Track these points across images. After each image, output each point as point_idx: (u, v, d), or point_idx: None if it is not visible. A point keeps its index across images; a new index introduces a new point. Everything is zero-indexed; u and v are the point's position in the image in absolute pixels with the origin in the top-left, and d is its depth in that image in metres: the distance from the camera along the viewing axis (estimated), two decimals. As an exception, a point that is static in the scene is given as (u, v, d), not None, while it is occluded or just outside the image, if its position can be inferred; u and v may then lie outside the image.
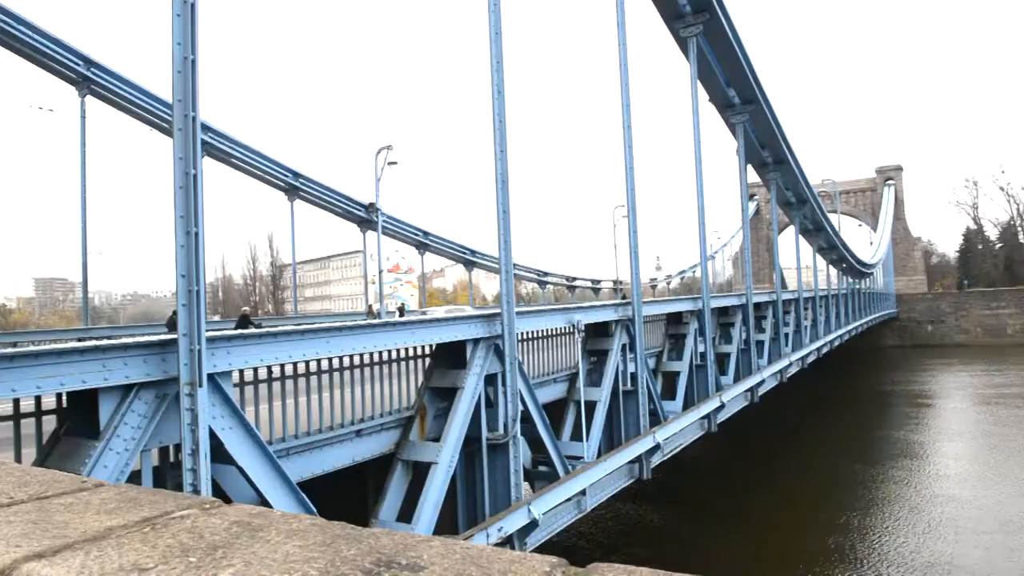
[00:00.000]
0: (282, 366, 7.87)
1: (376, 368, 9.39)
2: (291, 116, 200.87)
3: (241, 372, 7.42)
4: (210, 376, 6.36)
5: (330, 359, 8.48)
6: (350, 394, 8.90)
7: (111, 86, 22.94)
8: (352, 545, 1.38)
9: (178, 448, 6.45)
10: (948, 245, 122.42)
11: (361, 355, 8.89)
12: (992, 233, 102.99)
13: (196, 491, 6.14)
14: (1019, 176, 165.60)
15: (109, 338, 16.76)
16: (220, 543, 1.45)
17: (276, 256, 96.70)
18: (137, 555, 1.42)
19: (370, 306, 37.21)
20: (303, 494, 7.32)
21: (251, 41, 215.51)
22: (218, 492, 6.70)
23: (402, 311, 36.20)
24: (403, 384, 9.88)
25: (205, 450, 6.19)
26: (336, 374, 8.80)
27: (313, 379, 8.40)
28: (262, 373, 7.85)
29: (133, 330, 24.39)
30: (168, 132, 17.78)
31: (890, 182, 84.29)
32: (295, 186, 30.72)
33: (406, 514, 9.10)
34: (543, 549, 11.01)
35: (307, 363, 8.20)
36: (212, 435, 6.37)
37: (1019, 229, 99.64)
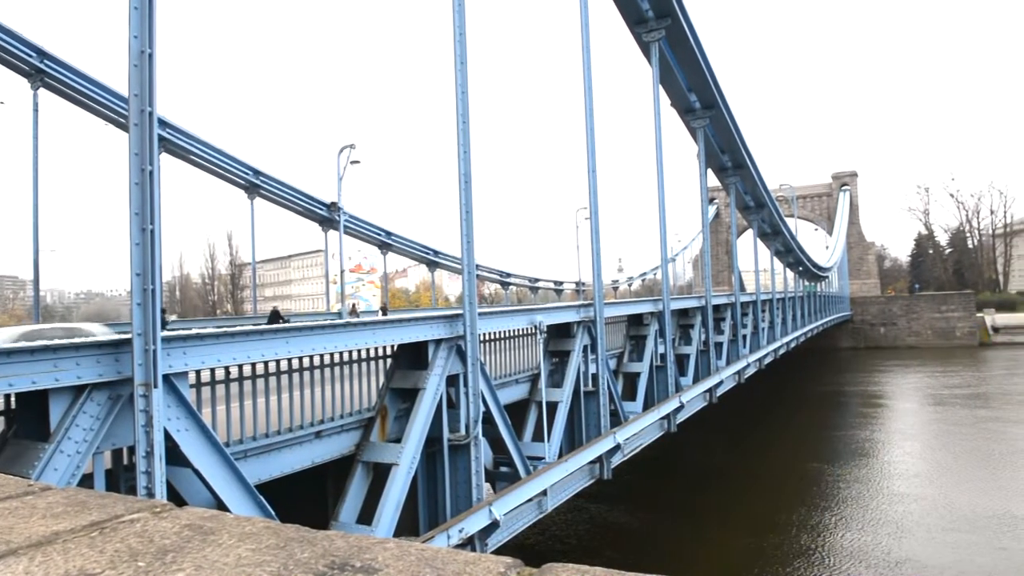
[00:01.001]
0: (240, 367, 7.75)
1: (336, 369, 9.31)
2: (252, 113, 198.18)
3: (198, 373, 7.29)
4: (165, 377, 6.23)
5: (289, 360, 8.39)
6: (310, 395, 8.80)
7: (65, 79, 22.33)
8: (306, 548, 1.36)
9: (132, 450, 6.31)
10: (900, 250, 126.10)
11: (321, 356, 8.80)
12: (942, 238, 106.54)
13: (150, 494, 6.02)
14: (969, 184, 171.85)
15: (61, 338, 16.28)
16: (170, 547, 1.43)
17: (235, 255, 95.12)
18: (84, 560, 1.38)
19: (353, 305, 37.08)
20: (261, 496, 7.22)
21: (211, 36, 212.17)
22: (173, 495, 6.58)
23: (385, 311, 36.22)
24: (364, 385, 9.80)
25: (160, 452, 6.06)
26: (296, 375, 8.70)
27: (272, 380, 8.30)
28: (220, 374, 7.73)
29: (86, 329, 23.73)
30: (124, 127, 17.39)
31: (845, 188, 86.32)
32: (255, 184, 30.28)
33: (366, 516, 9.03)
34: (505, 549, 11.03)
35: (265, 364, 8.09)
36: (167, 437, 6.25)
37: (968, 235, 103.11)
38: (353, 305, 37.05)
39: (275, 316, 26.01)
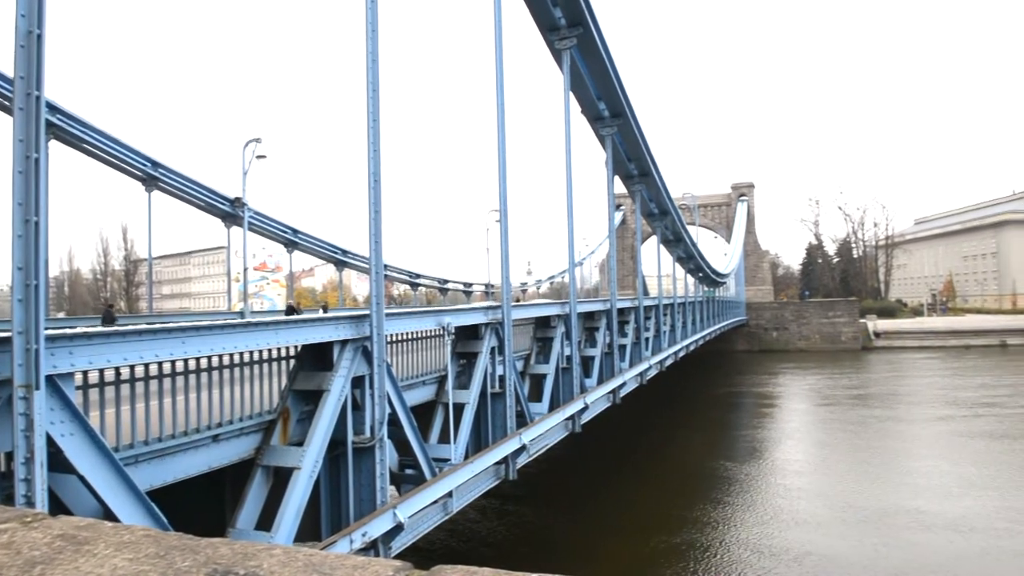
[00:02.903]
0: (132, 367, 7.39)
1: (237, 370, 9.01)
2: (152, 104, 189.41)
3: (85, 374, 6.92)
4: (49, 378, 5.88)
5: (185, 360, 8.06)
6: (207, 397, 8.49)
7: (-62, 56, 20.70)
8: (187, 556, 1.33)
9: (11, 456, 5.92)
10: (793, 258, 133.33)
11: (220, 356, 8.50)
12: (831, 248, 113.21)
13: (30, 503, 5.66)
14: (855, 198, 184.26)
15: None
16: (39, 559, 1.35)
17: (131, 250, 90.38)
18: (-57, 575, 1.30)
19: (297, 304, 36.05)
20: (152, 504, 6.92)
21: (109, 20, 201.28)
22: (57, 504, 6.22)
23: (325, 309, 35.44)
24: (265, 387, 9.52)
25: (41, 458, 5.71)
26: (193, 376, 8.37)
27: (167, 381, 7.95)
28: (110, 375, 7.35)
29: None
30: (8, 111, 16.30)
31: (743, 198, 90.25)
32: (153, 176, 28.86)
33: (266, 522, 8.78)
34: (412, 552, 10.96)
35: (159, 364, 7.74)
36: (50, 442, 5.90)
37: (853, 246, 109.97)
38: (297, 304, 35.98)
39: (291, 310, 27.94)
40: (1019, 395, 43.95)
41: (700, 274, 50.37)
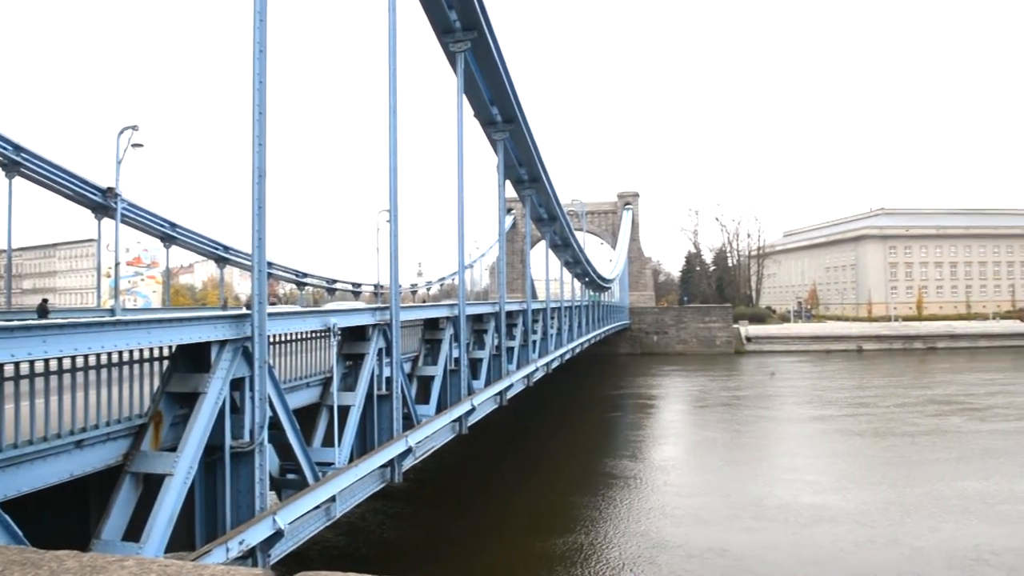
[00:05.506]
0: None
1: (105, 371, 8.47)
2: (19, 87, 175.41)
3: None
4: None
5: (46, 361, 7.50)
6: (71, 400, 7.93)
7: None
8: (28, 571, 1.25)
9: None
10: (673, 265, 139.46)
11: (86, 356, 7.97)
12: (708, 257, 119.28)
13: None
14: (731, 210, 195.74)
15: None
16: None
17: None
18: None
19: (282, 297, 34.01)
20: (5, 516, 6.41)
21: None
22: None
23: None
24: (136, 389, 9.00)
25: None
26: (55, 377, 7.79)
27: (25, 383, 7.38)
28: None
29: None
30: None
31: (628, 206, 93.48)
32: (15, 161, 26.62)
33: (136, 532, 8.30)
34: (294, 558, 10.67)
35: (16, 365, 7.17)
36: None
37: (729, 255, 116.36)
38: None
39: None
40: (888, 396, 47.48)
41: (587, 279, 51.60)
